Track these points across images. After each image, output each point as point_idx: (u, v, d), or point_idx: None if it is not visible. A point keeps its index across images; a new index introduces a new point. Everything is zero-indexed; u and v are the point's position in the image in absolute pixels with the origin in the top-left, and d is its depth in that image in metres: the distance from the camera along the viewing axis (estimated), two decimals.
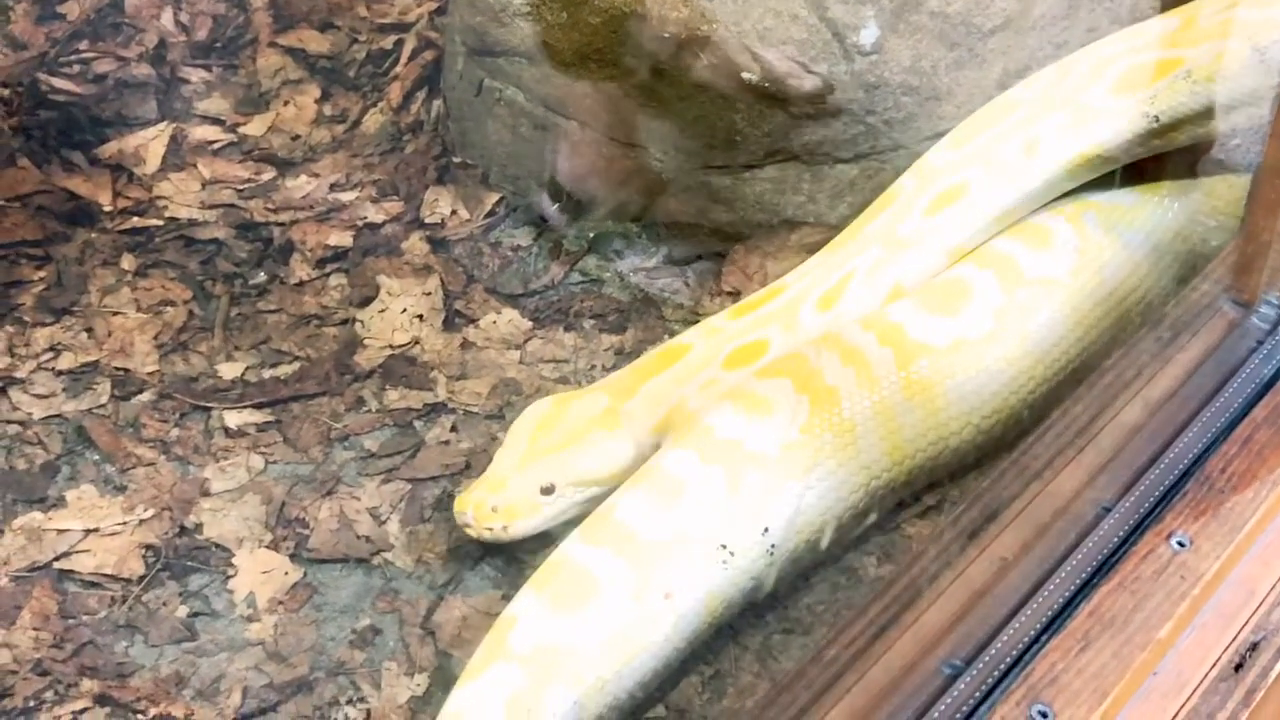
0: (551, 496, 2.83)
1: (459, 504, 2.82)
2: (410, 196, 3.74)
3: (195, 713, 2.59)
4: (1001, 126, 3.13)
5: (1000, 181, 3.08)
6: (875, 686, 1.95)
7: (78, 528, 2.90)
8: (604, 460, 2.87)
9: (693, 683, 2.68)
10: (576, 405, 2.94)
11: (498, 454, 2.90)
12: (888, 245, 3.05)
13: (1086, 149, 3.08)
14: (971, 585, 2.08)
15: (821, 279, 3.04)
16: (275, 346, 3.35)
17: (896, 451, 2.82)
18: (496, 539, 2.82)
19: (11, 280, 3.42)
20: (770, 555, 2.66)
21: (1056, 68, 3.21)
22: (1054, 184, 3.10)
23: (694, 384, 2.95)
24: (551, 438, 2.88)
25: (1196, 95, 3.06)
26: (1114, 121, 3.07)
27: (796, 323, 2.99)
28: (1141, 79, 3.09)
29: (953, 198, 3.07)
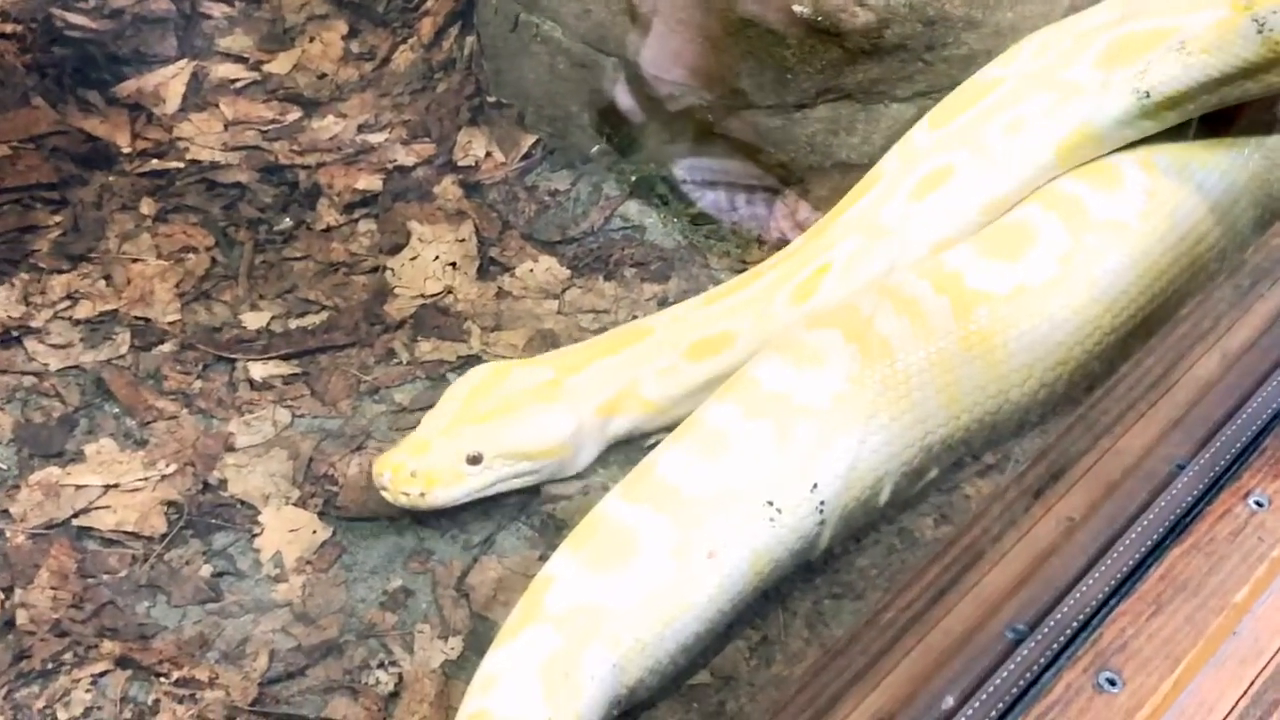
0: (478, 467, 2.80)
1: (377, 465, 2.79)
2: (442, 138, 3.73)
3: (220, 676, 2.60)
4: (984, 104, 3.09)
5: (987, 166, 3.05)
6: (934, 651, 1.93)
7: (97, 483, 2.90)
8: (538, 434, 2.84)
9: (739, 648, 2.67)
10: (518, 374, 2.91)
11: (427, 416, 2.87)
12: (869, 233, 3.03)
13: (1073, 129, 3.03)
14: (1036, 546, 2.05)
15: (797, 268, 3.02)
16: (302, 295, 3.34)
17: (953, 405, 2.79)
18: (413, 505, 2.79)
19: (26, 225, 3.42)
20: (820, 513, 2.64)
21: (1038, 39, 3.15)
22: (1043, 168, 3.05)
23: (650, 369, 2.94)
24: (486, 405, 2.85)
25: (1190, 69, 3.00)
26: (1101, 99, 3.02)
27: (768, 314, 2.98)
28: (1130, 51, 3.03)
29: (938, 181, 3.05)
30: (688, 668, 2.61)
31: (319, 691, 2.60)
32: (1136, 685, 1.87)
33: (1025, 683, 1.86)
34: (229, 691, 2.57)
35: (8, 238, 3.38)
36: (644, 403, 2.94)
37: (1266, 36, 2.92)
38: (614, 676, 2.45)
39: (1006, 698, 1.85)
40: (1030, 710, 1.84)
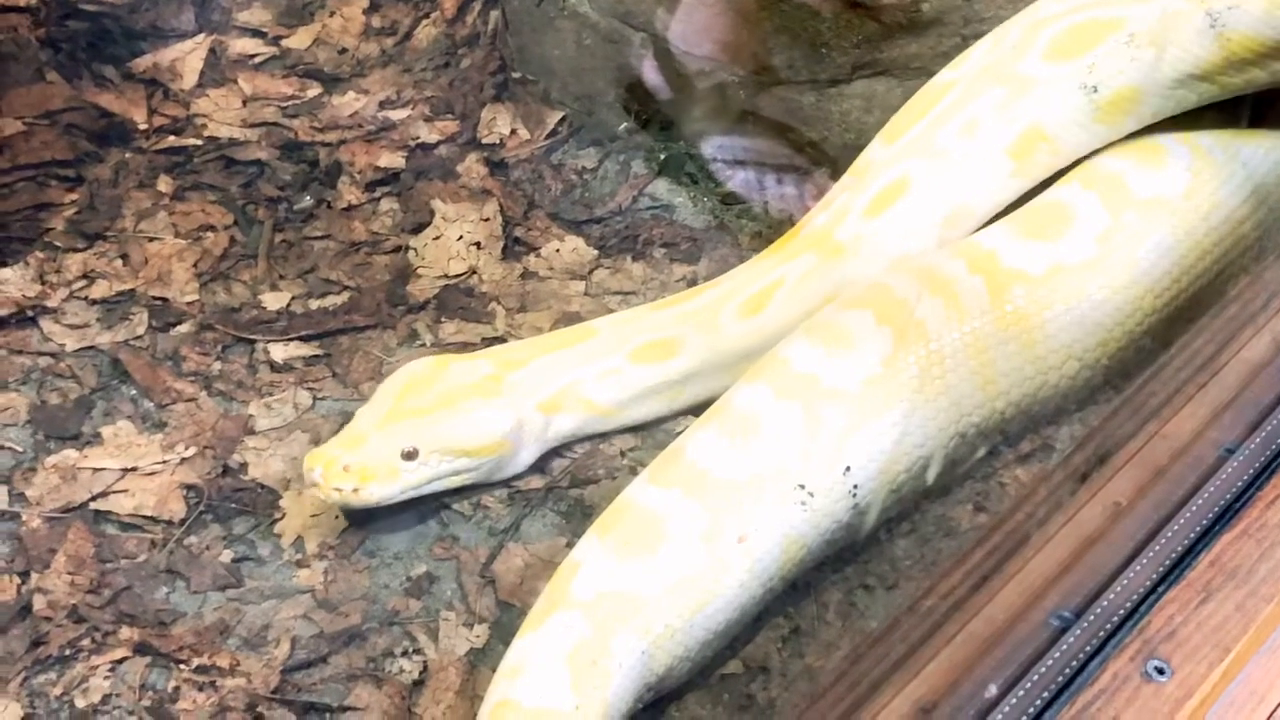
0: (413, 463, 2.76)
1: (309, 459, 2.73)
2: (466, 115, 3.72)
3: (241, 663, 2.60)
4: (939, 109, 3.05)
5: (944, 174, 3.01)
6: (977, 639, 1.92)
7: (114, 466, 2.90)
8: (477, 430, 2.80)
9: (770, 637, 2.66)
10: (456, 368, 2.88)
11: (360, 410, 2.84)
12: (823, 252, 3.00)
13: (1025, 128, 2.99)
14: (1082, 531, 2.04)
15: (749, 282, 3.00)
16: (323, 275, 3.34)
17: (990, 387, 2.78)
18: (346, 502, 2.74)
19: (41, 203, 3.42)
20: (853, 497, 2.63)
21: (991, 37, 3.11)
22: (1001, 170, 3.00)
23: (593, 369, 2.92)
24: (423, 399, 2.81)
25: (1138, 64, 2.96)
26: (1052, 92, 2.98)
27: (715, 326, 2.96)
28: (1079, 43, 2.99)
29: (895, 195, 3.00)
30: (718, 656, 2.60)
31: (342, 679, 2.59)
32: (1185, 674, 1.86)
33: (1070, 671, 1.85)
34: (250, 679, 2.57)
35: (23, 215, 3.39)
36: (586, 403, 2.92)
37: (1220, 33, 2.88)
38: (643, 664, 2.44)
39: (1051, 686, 1.84)
40: (1075, 699, 1.83)
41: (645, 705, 2.51)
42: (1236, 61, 2.91)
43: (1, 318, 3.16)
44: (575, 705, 2.34)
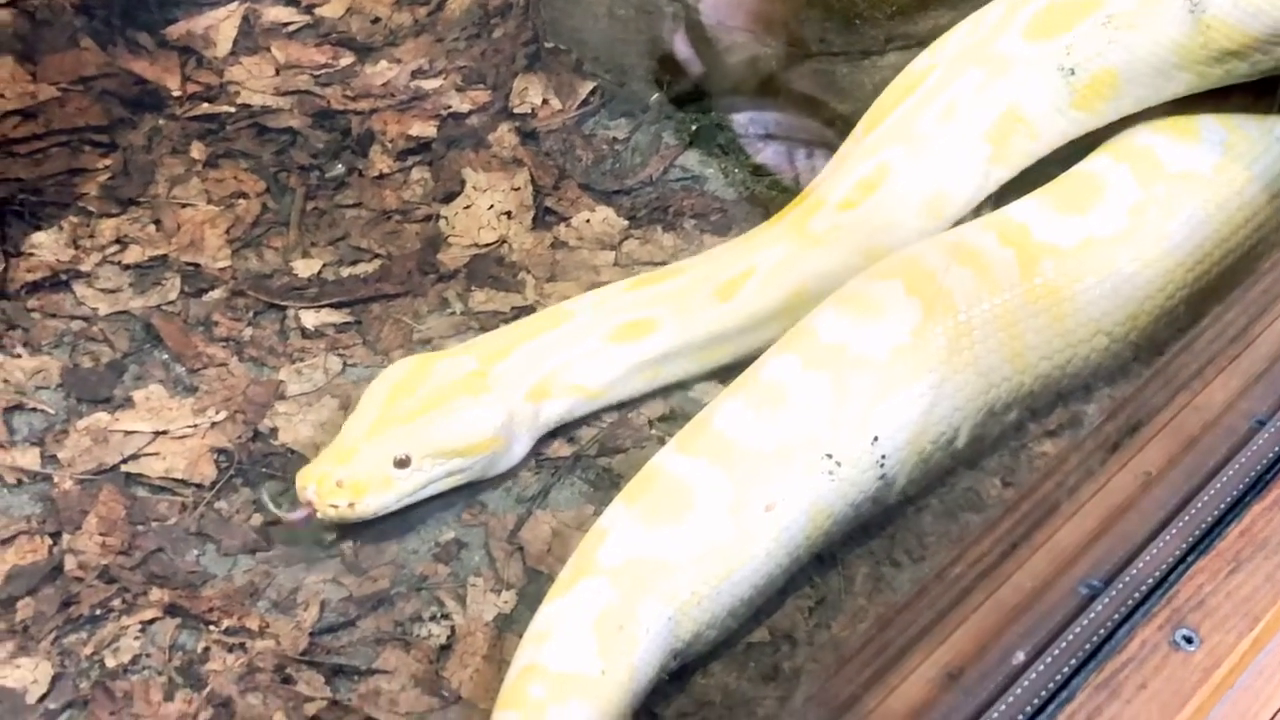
0: (406, 470, 2.69)
1: (300, 477, 2.67)
2: (498, 84, 3.71)
3: (270, 625, 2.61)
4: (917, 95, 3.02)
5: (924, 161, 2.98)
6: (1005, 607, 1.91)
7: (146, 429, 2.91)
8: (468, 429, 2.74)
9: (797, 607, 2.65)
10: (440, 367, 2.81)
11: (348, 421, 2.77)
12: (798, 242, 2.97)
13: (1003, 110, 2.97)
14: (1112, 501, 2.03)
15: (724, 267, 2.98)
16: (354, 243, 3.34)
17: (1018, 359, 2.76)
18: (343, 518, 2.67)
19: (75, 168, 3.43)
20: (880, 467, 2.62)
21: (973, 17, 3.08)
22: (980, 155, 2.97)
23: (576, 351, 2.89)
24: (410, 403, 2.74)
25: (1116, 48, 2.91)
26: (1030, 73, 2.95)
27: (690, 307, 2.93)
28: (1058, 22, 2.95)
29: (873, 186, 2.98)
30: (745, 625, 2.59)
31: (370, 643, 2.60)
32: (1214, 643, 1.85)
33: (1098, 639, 1.85)
34: (279, 641, 2.58)
35: (57, 180, 3.39)
36: (573, 386, 2.89)
37: (1200, 19, 2.83)
38: (669, 630, 2.45)
39: (1079, 654, 1.83)
40: (1103, 667, 1.82)
41: (671, 672, 2.51)
42: (1216, 50, 2.87)
43: (35, 282, 3.17)
44: (601, 670, 2.35)
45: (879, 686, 1.87)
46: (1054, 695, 1.80)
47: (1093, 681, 1.81)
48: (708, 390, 2.98)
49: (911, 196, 2.98)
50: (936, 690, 1.84)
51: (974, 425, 2.75)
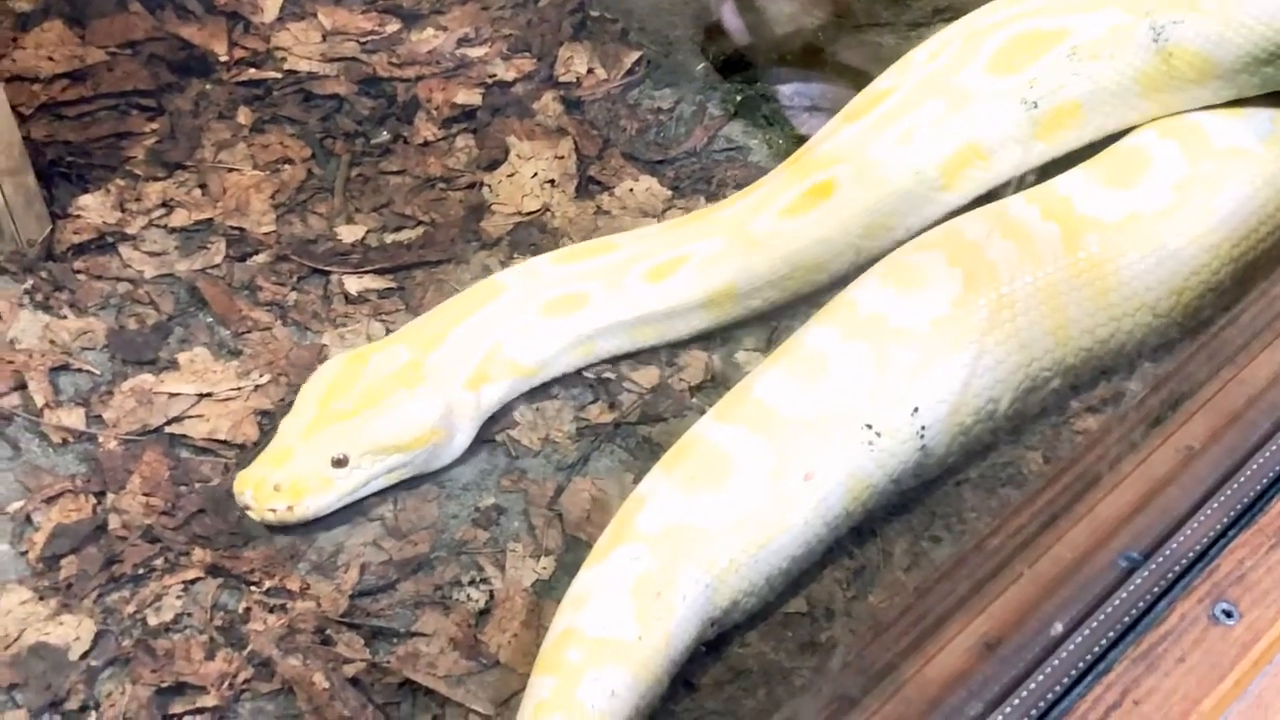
0: (345, 469, 2.66)
1: (238, 483, 2.65)
2: (544, 53, 3.70)
3: (311, 586, 2.62)
4: (875, 114, 3.00)
5: (871, 183, 2.96)
6: (1044, 578, 1.90)
7: (190, 391, 2.92)
8: (406, 423, 2.70)
9: (835, 578, 2.65)
10: (374, 360, 2.77)
11: (284, 422, 2.73)
12: (733, 238, 2.95)
13: (962, 143, 2.95)
14: (1153, 474, 2.02)
15: (657, 249, 2.96)
16: (398, 210, 3.34)
17: (1060, 332, 2.75)
18: (282, 521, 2.65)
19: (122, 131, 3.44)
20: (920, 438, 2.61)
21: (933, 42, 3.06)
22: (931, 183, 2.96)
23: (509, 328, 2.84)
24: (345, 401, 2.70)
25: (1080, 79, 2.92)
26: (993, 107, 2.94)
27: (621, 285, 2.91)
28: (1020, 55, 2.94)
29: (816, 199, 2.96)
30: (783, 594, 2.59)
31: (409, 606, 2.61)
32: (1253, 618, 1.83)
33: (1138, 612, 1.83)
34: (319, 602, 2.59)
35: (104, 144, 3.41)
36: (511, 365, 2.85)
37: (1162, 47, 2.85)
38: (706, 597, 2.45)
39: (1118, 626, 1.82)
40: (1142, 640, 1.81)
41: (709, 640, 2.51)
42: (1178, 78, 2.88)
43: (82, 244, 3.19)
44: (638, 635, 2.35)
45: (916, 655, 1.86)
46: (1091, 667, 1.79)
47: (1131, 654, 1.80)
48: (751, 359, 2.97)
49: (855, 217, 2.97)
50: (974, 660, 1.84)
51: (1015, 398, 2.74)
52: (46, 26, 3.60)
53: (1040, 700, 1.76)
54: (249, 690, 2.48)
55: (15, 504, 2.72)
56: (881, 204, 2.96)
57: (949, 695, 1.79)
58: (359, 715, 2.43)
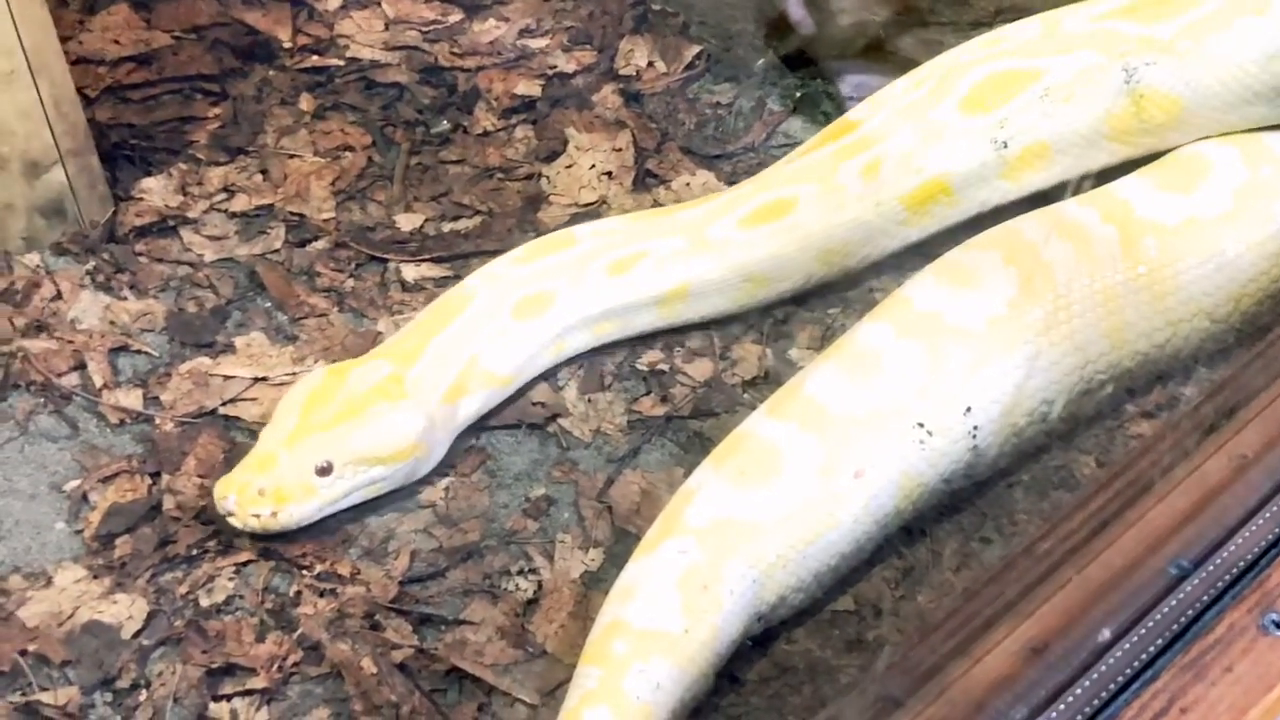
0: (329, 478, 2.63)
1: (219, 487, 2.62)
2: (604, 45, 3.70)
3: (361, 572, 2.63)
4: (847, 140, 3.00)
5: (831, 207, 2.95)
6: (1093, 584, 1.89)
7: (245, 375, 2.95)
8: (389, 434, 2.67)
9: (884, 577, 2.64)
10: (355, 375, 2.74)
11: (264, 432, 2.71)
12: (691, 241, 2.95)
13: (931, 176, 2.96)
14: (1206, 482, 2.00)
15: (618, 243, 2.95)
16: (456, 199, 3.35)
17: (1116, 335, 2.73)
18: (265, 528, 2.61)
19: (186, 116, 3.47)
20: (973, 438, 2.60)
21: (911, 76, 3.07)
22: (892, 216, 2.97)
23: (483, 337, 2.82)
24: (327, 411, 2.68)
25: (1051, 121, 2.93)
26: (962, 144, 2.95)
27: (585, 280, 2.90)
28: (994, 95, 2.95)
29: (777, 213, 2.96)
30: (831, 591, 2.59)
31: (458, 594, 2.62)
32: None
33: (1186, 620, 1.82)
34: (369, 588, 2.61)
35: (168, 127, 3.43)
36: (488, 376, 2.83)
37: (1134, 89, 2.86)
38: (754, 592, 2.45)
39: (1166, 634, 1.81)
40: (1190, 648, 1.80)
41: (756, 635, 2.51)
42: (1148, 120, 2.90)
43: (144, 226, 3.21)
44: (685, 629, 2.35)
45: (962, 658, 1.86)
46: (1138, 674, 1.78)
47: (1178, 662, 1.79)
48: (804, 357, 2.97)
49: (811, 239, 2.97)
50: (1020, 664, 1.83)
51: (1069, 401, 2.72)
52: (113, 10, 3.63)
53: (1086, 706, 1.76)
54: (298, 673, 2.50)
55: (72, 483, 2.75)
56: (837, 230, 2.97)
57: (994, 699, 1.79)
58: (406, 701, 2.44)
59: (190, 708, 2.43)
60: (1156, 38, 2.87)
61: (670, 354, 3.01)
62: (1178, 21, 2.88)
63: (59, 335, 2.97)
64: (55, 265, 3.11)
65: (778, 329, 3.06)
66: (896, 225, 3.00)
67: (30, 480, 2.76)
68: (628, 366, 2.99)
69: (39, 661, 2.47)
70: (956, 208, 3.01)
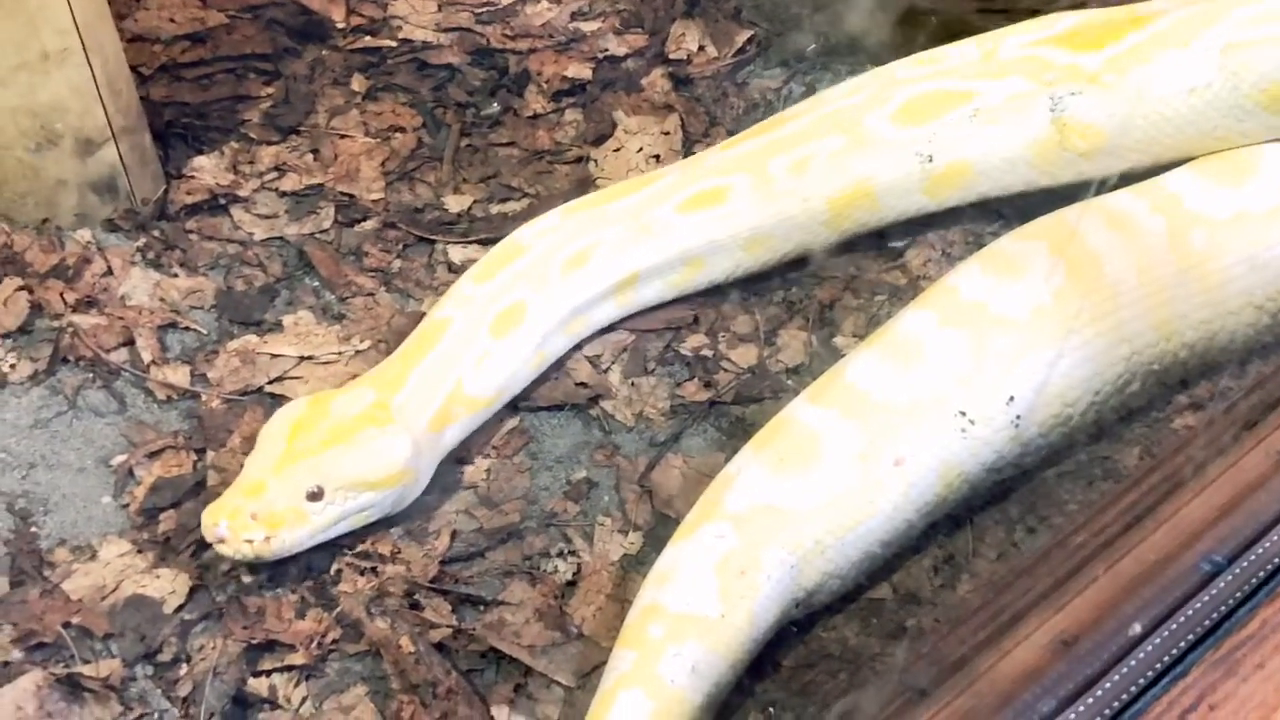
0: (320, 503, 2.58)
1: (208, 514, 2.55)
2: (656, 29, 3.71)
3: (402, 551, 2.65)
4: (778, 134, 3.03)
5: (762, 199, 2.98)
6: (1125, 578, 1.89)
7: (292, 354, 2.97)
8: (379, 460, 2.62)
9: (924, 567, 2.64)
10: (339, 403, 2.70)
11: (249, 460, 2.66)
12: (631, 228, 2.95)
13: (856, 181, 2.99)
14: (1243, 478, 1.99)
15: (566, 241, 2.93)
16: (504, 181, 3.36)
17: (1164, 326, 2.71)
18: (258, 555, 2.54)
19: (239, 95, 3.50)
20: (1015, 427, 2.59)
21: (849, 83, 3.12)
22: (815, 215, 3.01)
23: (467, 361, 2.79)
24: (313, 438, 2.63)
25: (975, 141, 2.98)
26: (890, 154, 2.99)
27: (547, 281, 2.88)
28: (926, 111, 3.00)
29: (712, 200, 2.98)
30: (869, 579, 2.59)
31: (498, 574, 2.64)
32: None
33: (1218, 616, 1.81)
34: (410, 567, 2.63)
35: (220, 106, 3.46)
36: (472, 402, 2.79)
37: (1058, 118, 2.92)
38: (791, 578, 2.45)
39: (1197, 629, 1.80)
40: (1221, 644, 1.79)
41: (793, 622, 2.52)
42: (1069, 149, 2.96)
43: (195, 204, 3.24)
44: (721, 613, 2.36)
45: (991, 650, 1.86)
46: (1168, 669, 1.77)
47: (1209, 658, 1.78)
48: (849, 345, 2.97)
49: (740, 225, 3.00)
50: (1049, 657, 1.83)
51: (1114, 392, 2.71)
52: None
53: (1114, 700, 1.75)
54: (337, 650, 2.52)
55: (119, 457, 2.78)
56: (765, 222, 3.00)
57: (1022, 691, 1.79)
58: (443, 680, 2.46)
59: (230, 682, 2.46)
60: (1083, 68, 2.94)
61: (715, 339, 3.02)
62: (1105, 53, 2.94)
63: (109, 311, 3.01)
64: (106, 242, 3.14)
65: (823, 315, 3.05)
66: (819, 225, 3.05)
67: (78, 454, 2.80)
68: (672, 351, 3.00)
69: (82, 634, 2.51)
70: (875, 215, 3.08)
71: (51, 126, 2.99)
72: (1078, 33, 2.98)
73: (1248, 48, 2.82)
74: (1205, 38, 2.85)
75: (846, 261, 3.12)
